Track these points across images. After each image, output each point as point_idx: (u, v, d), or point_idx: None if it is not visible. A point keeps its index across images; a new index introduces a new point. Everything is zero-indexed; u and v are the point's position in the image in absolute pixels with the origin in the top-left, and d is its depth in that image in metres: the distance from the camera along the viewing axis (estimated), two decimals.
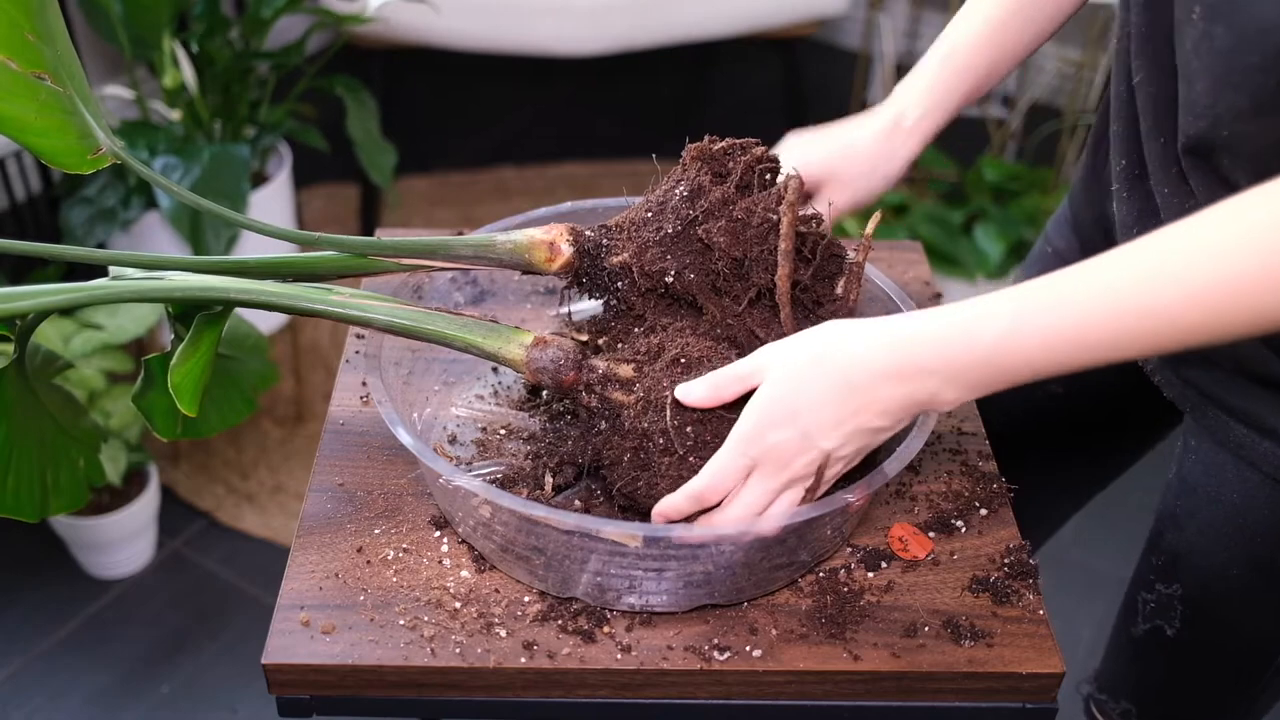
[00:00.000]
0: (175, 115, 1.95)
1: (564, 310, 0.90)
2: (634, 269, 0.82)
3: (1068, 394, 1.06)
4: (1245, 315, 0.60)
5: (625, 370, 0.80)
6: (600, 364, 0.81)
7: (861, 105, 2.68)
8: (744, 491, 0.74)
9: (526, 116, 2.92)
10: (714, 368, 0.77)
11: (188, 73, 1.90)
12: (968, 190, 2.35)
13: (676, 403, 0.76)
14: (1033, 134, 2.56)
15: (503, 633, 0.78)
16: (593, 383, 0.80)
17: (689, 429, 0.76)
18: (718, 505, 0.75)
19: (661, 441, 0.76)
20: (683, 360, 0.78)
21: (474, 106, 2.94)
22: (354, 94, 2.04)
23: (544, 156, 2.79)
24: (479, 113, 2.92)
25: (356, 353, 1.01)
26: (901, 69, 2.60)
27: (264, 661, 0.77)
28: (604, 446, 0.80)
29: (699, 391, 0.75)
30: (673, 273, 0.81)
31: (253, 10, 1.93)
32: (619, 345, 0.84)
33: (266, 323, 2.08)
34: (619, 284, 0.84)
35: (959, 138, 2.67)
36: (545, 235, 0.84)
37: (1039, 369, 0.66)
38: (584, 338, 0.86)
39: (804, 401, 0.70)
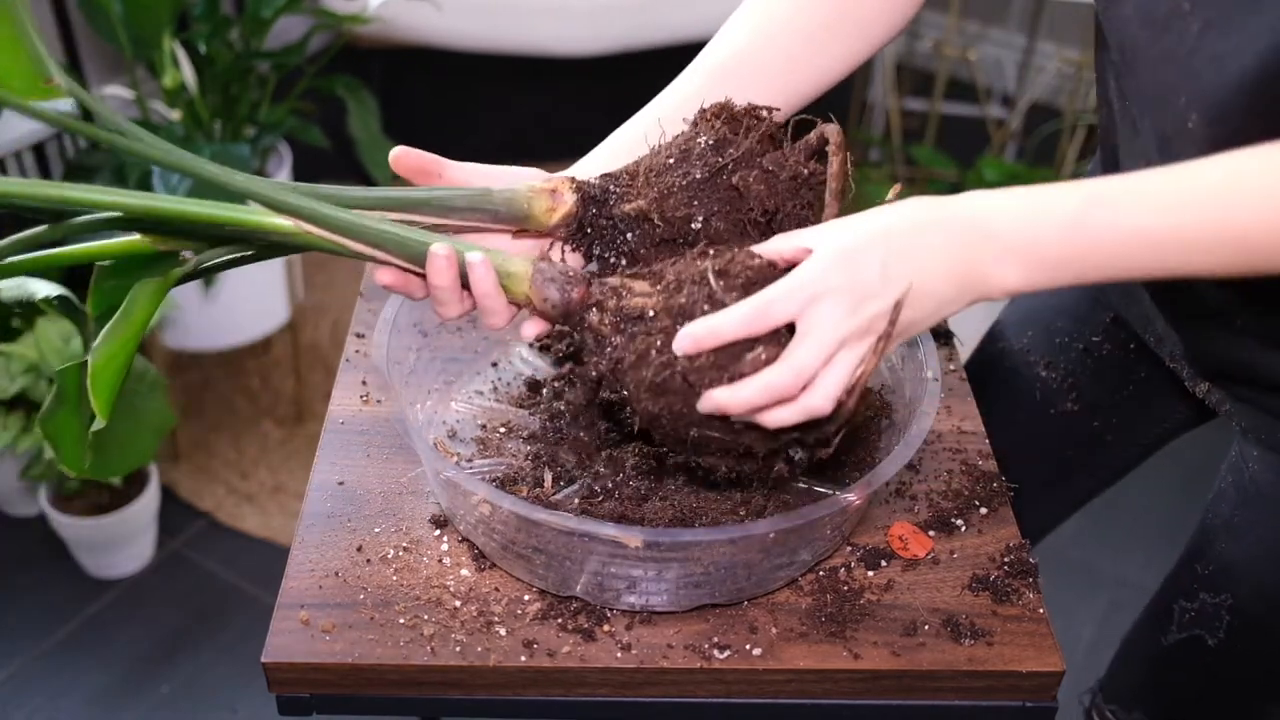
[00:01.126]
0: (175, 115, 1.95)
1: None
2: (654, 216, 0.77)
3: (1083, 410, 1.05)
4: None
5: (640, 284, 0.73)
6: (613, 280, 0.75)
7: (862, 105, 2.68)
8: (813, 332, 0.67)
9: (526, 116, 2.92)
10: (749, 252, 0.71)
11: (188, 73, 1.90)
12: (968, 190, 2.35)
13: (720, 272, 0.70)
14: (1033, 134, 2.56)
15: (503, 631, 0.78)
16: (605, 297, 0.74)
17: (735, 293, 0.69)
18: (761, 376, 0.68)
19: (707, 308, 0.69)
20: (712, 251, 0.72)
21: (474, 106, 2.94)
22: (355, 94, 2.04)
23: (544, 156, 2.78)
24: (479, 113, 2.92)
25: (356, 352, 1.02)
26: (901, 69, 2.61)
27: (264, 660, 0.77)
28: (626, 350, 0.72)
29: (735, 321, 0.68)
30: (700, 219, 0.76)
31: (253, 10, 1.93)
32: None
33: (267, 323, 2.08)
34: (629, 234, 0.79)
35: (959, 138, 2.68)
36: (545, 184, 0.79)
37: (1100, 264, 0.65)
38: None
39: (892, 232, 0.68)
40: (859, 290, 0.67)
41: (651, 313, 0.71)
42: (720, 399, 0.67)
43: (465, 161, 0.83)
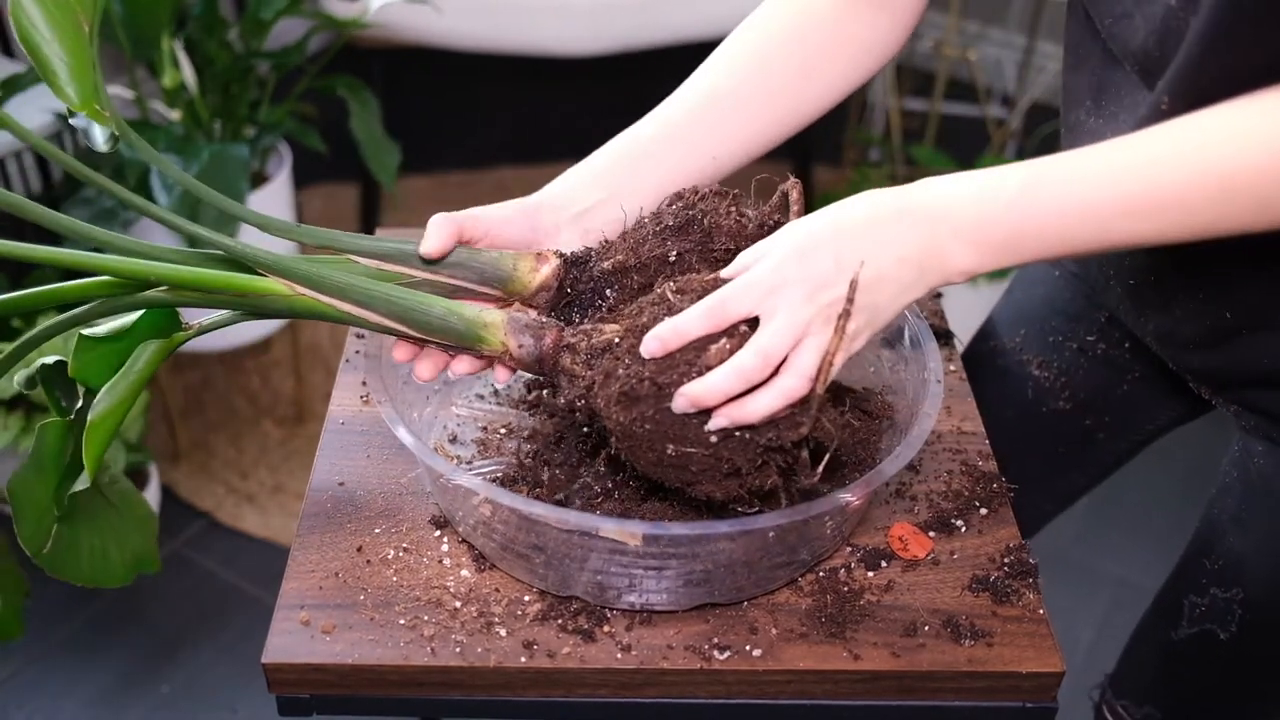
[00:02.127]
0: (175, 115, 1.95)
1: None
2: (631, 263, 0.80)
3: (1075, 409, 1.05)
4: (1249, 203, 0.64)
5: (609, 325, 0.77)
6: (584, 325, 0.79)
7: (861, 106, 2.68)
8: (774, 319, 0.69)
9: (526, 116, 2.92)
10: (707, 275, 0.74)
11: (187, 73, 1.90)
12: None
13: (679, 290, 0.73)
14: (1033, 134, 2.56)
15: (503, 632, 0.78)
16: (576, 340, 0.77)
17: (693, 302, 0.72)
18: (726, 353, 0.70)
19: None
20: (674, 286, 0.74)
21: (474, 106, 2.94)
22: (356, 93, 2.04)
23: (544, 156, 2.78)
24: (479, 113, 2.92)
25: (357, 352, 1.02)
26: (901, 69, 2.60)
27: (264, 661, 0.77)
28: (595, 375, 0.74)
29: (691, 324, 0.70)
30: (675, 253, 0.79)
31: (252, 11, 1.94)
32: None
33: (267, 323, 2.08)
34: (608, 290, 0.81)
35: (959, 138, 2.68)
36: (531, 250, 0.83)
37: (1052, 239, 0.68)
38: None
39: (843, 226, 0.70)
40: (814, 280, 0.69)
41: (617, 339, 0.74)
42: (693, 391, 0.68)
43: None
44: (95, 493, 0.84)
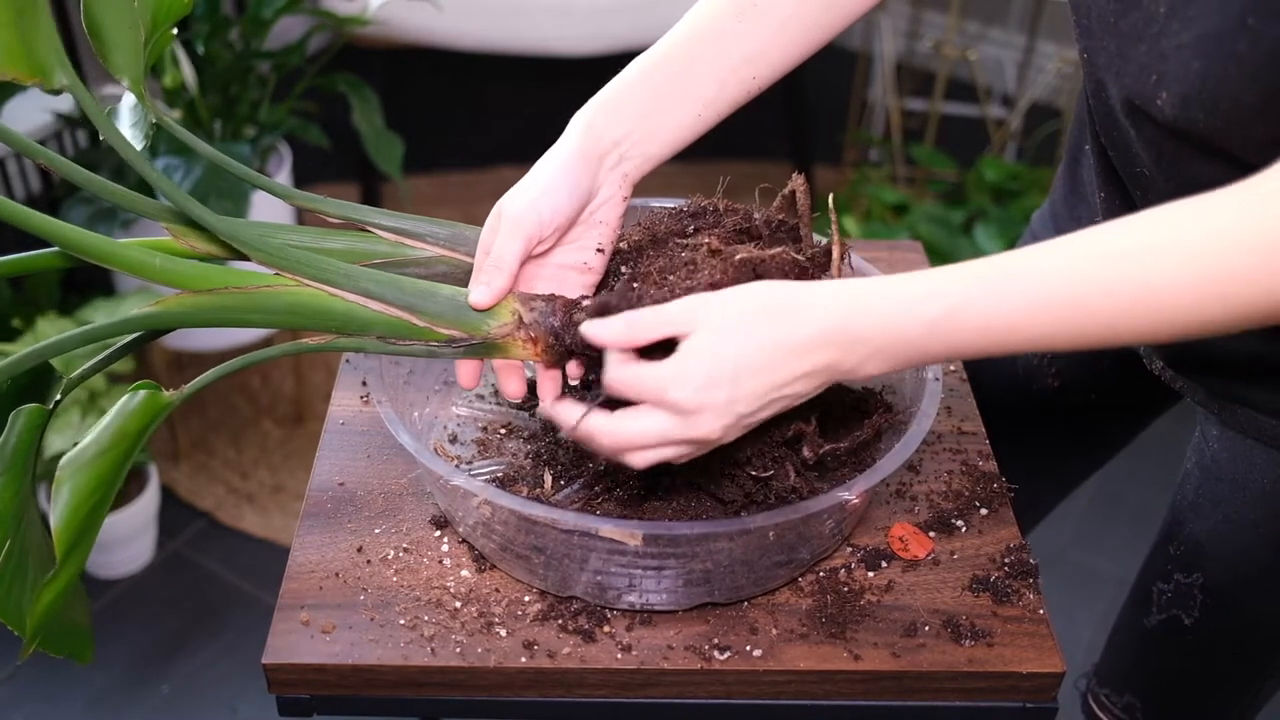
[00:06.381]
0: (175, 115, 1.95)
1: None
2: (646, 241, 0.83)
3: (1063, 386, 1.06)
4: (1188, 325, 0.60)
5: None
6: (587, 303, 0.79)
7: (862, 105, 2.68)
8: (636, 421, 0.68)
9: (526, 116, 2.92)
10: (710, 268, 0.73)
11: (188, 73, 1.90)
12: (968, 190, 2.35)
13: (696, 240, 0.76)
14: (1033, 134, 2.56)
15: (503, 632, 0.78)
16: (588, 304, 0.77)
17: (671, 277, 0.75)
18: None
19: (684, 256, 0.76)
20: (676, 262, 0.76)
21: (474, 106, 2.94)
22: (357, 89, 2.04)
23: None
24: (479, 113, 2.92)
25: (357, 352, 1.02)
26: (901, 69, 2.61)
27: (264, 661, 0.77)
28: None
29: (612, 330, 0.68)
30: (692, 228, 0.82)
31: (253, 10, 1.94)
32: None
33: None
34: (623, 268, 0.83)
35: (959, 138, 2.68)
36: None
37: (965, 353, 0.65)
38: None
39: (746, 362, 0.65)
40: (707, 415, 0.66)
41: (635, 284, 0.75)
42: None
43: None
44: (46, 535, 0.74)
